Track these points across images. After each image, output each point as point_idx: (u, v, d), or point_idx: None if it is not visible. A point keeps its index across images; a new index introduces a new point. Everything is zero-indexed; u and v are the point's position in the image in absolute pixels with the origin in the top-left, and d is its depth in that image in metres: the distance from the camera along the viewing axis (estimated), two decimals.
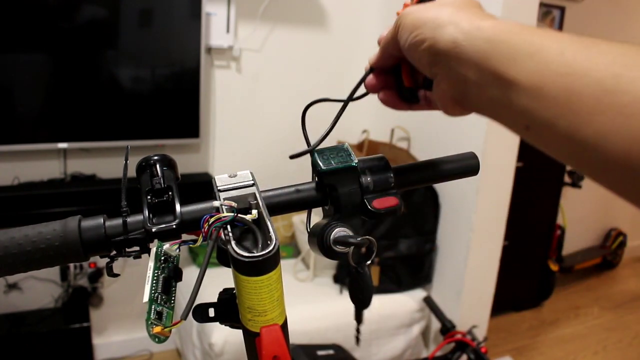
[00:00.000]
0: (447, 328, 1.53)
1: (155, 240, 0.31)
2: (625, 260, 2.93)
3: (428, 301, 1.60)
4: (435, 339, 1.70)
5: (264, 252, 0.29)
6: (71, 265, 1.68)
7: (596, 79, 0.21)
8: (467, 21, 0.27)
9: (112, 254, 0.32)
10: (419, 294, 1.65)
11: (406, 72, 0.35)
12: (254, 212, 0.34)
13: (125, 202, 0.31)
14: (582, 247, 2.81)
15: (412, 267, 1.62)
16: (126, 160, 0.32)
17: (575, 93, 0.21)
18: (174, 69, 1.67)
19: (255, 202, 0.35)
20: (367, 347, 1.57)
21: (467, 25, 0.27)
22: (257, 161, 1.84)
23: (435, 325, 1.65)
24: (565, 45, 0.23)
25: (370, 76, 0.37)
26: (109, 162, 1.70)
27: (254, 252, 0.30)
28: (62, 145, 1.55)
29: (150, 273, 0.30)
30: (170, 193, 0.33)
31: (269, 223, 0.32)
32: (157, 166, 0.33)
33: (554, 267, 2.40)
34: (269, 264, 0.30)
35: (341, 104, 0.39)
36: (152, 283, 0.30)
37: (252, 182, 0.36)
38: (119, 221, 0.32)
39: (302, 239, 1.77)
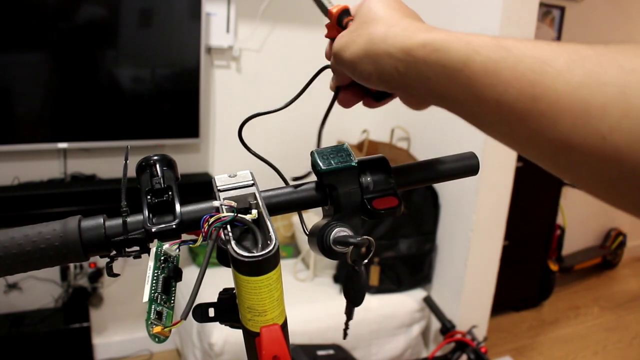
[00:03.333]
0: (447, 328, 1.53)
1: (155, 240, 0.31)
2: (625, 260, 2.93)
3: (428, 301, 1.60)
4: (435, 339, 1.70)
5: (263, 252, 0.29)
6: (71, 265, 1.68)
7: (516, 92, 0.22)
8: (399, 48, 0.28)
9: (112, 254, 0.32)
10: (419, 293, 1.65)
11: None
12: (254, 212, 0.34)
13: (125, 202, 0.31)
14: (582, 247, 2.81)
15: (412, 267, 1.62)
16: (126, 160, 0.32)
17: (506, 102, 0.23)
18: (174, 69, 1.67)
19: (255, 202, 0.35)
20: (367, 347, 1.57)
21: (399, 53, 0.28)
22: (257, 161, 1.83)
23: (435, 325, 1.65)
24: (488, 55, 0.24)
25: (342, 94, 0.37)
26: (109, 162, 1.70)
27: (253, 252, 0.30)
28: (62, 145, 1.55)
29: (150, 273, 0.30)
30: (170, 193, 0.33)
31: (268, 223, 0.32)
32: (157, 166, 0.33)
33: (553, 267, 2.40)
34: (268, 264, 0.30)
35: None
36: (151, 283, 0.30)
37: (252, 182, 0.36)
38: (118, 221, 0.32)
39: (302, 239, 1.77)
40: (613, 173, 0.20)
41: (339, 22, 0.34)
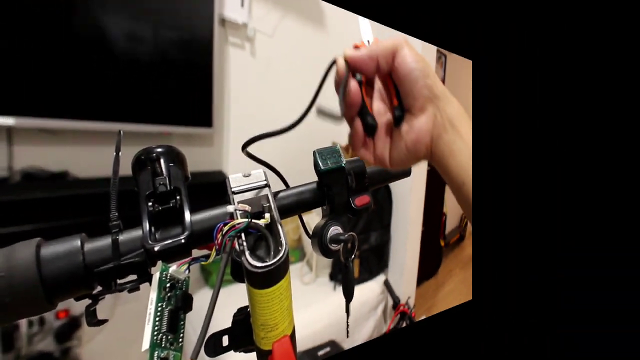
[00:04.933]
0: (396, 303, 1.57)
1: (159, 263, 0.20)
2: (469, 231, 3.13)
3: (386, 284, 1.64)
4: (390, 314, 1.74)
5: (275, 260, 0.22)
6: (22, 322, 0.77)
7: None
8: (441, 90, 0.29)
9: (95, 291, 0.18)
10: (380, 278, 1.66)
11: (394, 90, 0.29)
12: (267, 215, 0.26)
13: (115, 212, 0.18)
14: (454, 226, 2.95)
15: (378, 256, 1.65)
16: (117, 151, 0.19)
17: None
18: (181, 34, 1.01)
19: (267, 204, 0.27)
20: (350, 335, 1.51)
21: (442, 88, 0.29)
22: (271, 158, 1.51)
23: (390, 302, 1.70)
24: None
25: (356, 85, 0.28)
26: (87, 153, 0.89)
27: (266, 261, 0.22)
28: (7, 120, 0.74)
29: (152, 308, 0.18)
30: (178, 197, 0.21)
31: (280, 227, 0.25)
32: (161, 161, 0.21)
33: (442, 243, 2.56)
34: (279, 272, 0.23)
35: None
36: (154, 322, 0.18)
37: (266, 182, 0.28)
38: (105, 241, 0.19)
39: (307, 240, 1.61)
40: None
41: None
